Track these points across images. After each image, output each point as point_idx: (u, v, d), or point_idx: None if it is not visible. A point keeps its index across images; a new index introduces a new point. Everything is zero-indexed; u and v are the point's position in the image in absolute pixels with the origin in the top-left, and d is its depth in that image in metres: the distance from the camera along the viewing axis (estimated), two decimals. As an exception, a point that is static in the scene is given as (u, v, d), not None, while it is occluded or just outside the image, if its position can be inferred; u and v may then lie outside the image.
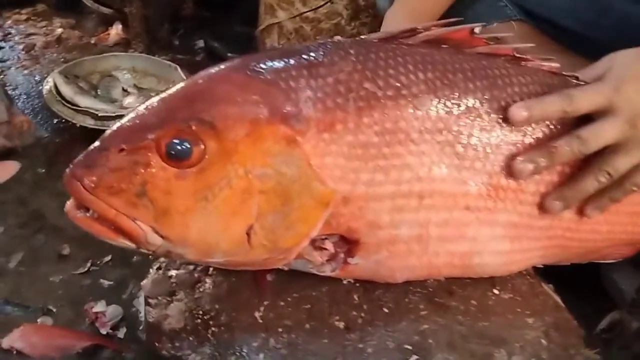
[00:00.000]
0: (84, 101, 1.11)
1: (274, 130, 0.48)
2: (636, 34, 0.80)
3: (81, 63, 1.23)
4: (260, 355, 0.49)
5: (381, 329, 0.51)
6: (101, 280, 0.79)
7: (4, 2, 1.56)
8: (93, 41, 1.51)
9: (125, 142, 0.47)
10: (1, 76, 1.27)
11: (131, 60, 1.28)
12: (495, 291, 0.55)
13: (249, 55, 0.53)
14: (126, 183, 0.46)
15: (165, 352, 0.50)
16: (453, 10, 0.93)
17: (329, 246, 0.52)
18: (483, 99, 0.51)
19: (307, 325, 0.52)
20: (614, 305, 0.66)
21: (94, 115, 1.07)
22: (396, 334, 0.51)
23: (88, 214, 0.48)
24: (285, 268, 0.54)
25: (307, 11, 1.21)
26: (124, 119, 0.50)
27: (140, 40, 1.46)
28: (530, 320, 0.53)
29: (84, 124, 1.07)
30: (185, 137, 0.46)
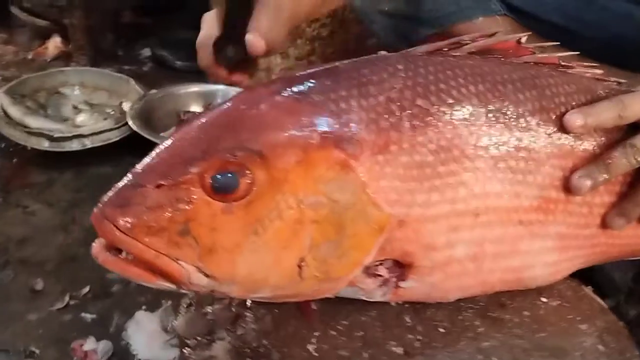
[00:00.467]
0: (35, 122, 1.03)
1: (327, 155, 0.45)
2: (617, 27, 0.82)
3: (26, 81, 1.14)
4: (324, 391, 0.46)
5: (442, 350, 0.50)
6: (83, 314, 0.73)
7: None
8: (30, 56, 1.41)
9: (163, 177, 0.43)
10: None
11: (79, 75, 1.21)
12: (543, 299, 0.54)
13: (289, 77, 0.49)
14: (167, 222, 0.42)
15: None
16: (438, 3, 0.91)
17: (383, 272, 0.50)
18: (533, 110, 0.49)
19: (365, 355, 0.49)
20: (603, 294, 0.66)
21: (49, 137, 1.00)
22: (458, 354, 0.49)
23: (121, 256, 0.44)
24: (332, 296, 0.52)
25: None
26: (156, 152, 0.46)
27: (84, 53, 1.37)
28: (583, 327, 0.53)
29: (39, 147, 0.99)
30: (232, 169, 0.43)
